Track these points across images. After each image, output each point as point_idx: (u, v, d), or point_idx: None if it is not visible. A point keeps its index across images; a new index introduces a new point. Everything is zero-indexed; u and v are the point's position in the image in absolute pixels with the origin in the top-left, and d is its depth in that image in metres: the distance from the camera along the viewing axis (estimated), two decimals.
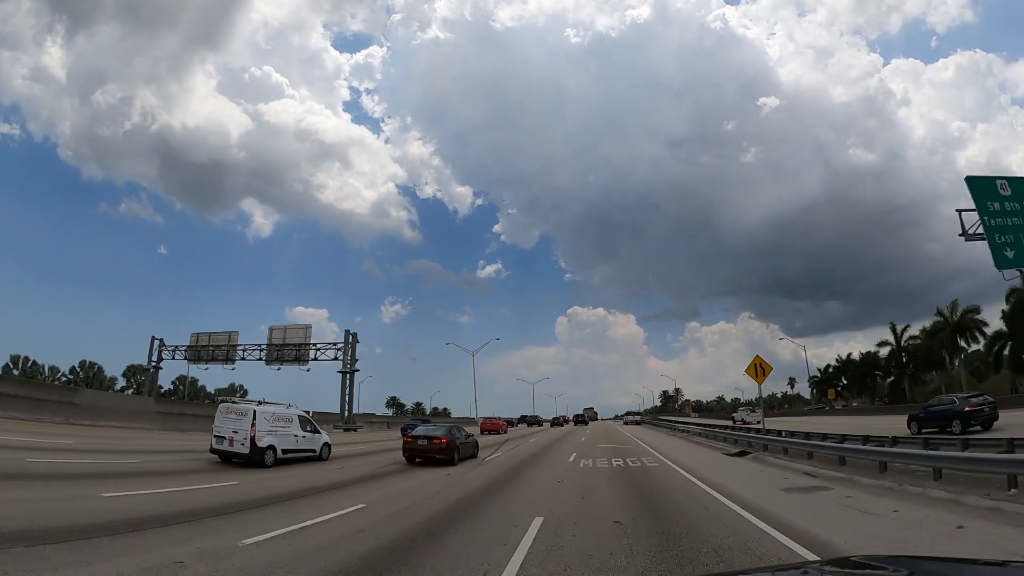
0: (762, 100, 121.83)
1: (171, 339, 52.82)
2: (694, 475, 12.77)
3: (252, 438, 13.60)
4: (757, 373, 23.21)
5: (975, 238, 19.92)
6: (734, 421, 49.42)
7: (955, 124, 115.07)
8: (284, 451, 14.62)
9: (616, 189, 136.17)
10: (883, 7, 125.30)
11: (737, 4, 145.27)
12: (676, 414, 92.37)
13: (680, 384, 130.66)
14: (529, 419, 70.32)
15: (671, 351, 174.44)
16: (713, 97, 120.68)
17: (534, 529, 6.92)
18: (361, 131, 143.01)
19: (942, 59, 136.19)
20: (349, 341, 45.59)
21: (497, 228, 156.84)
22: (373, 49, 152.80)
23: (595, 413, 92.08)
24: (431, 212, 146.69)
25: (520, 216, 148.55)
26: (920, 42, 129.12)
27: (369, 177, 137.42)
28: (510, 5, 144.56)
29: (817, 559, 5.13)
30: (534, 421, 69.87)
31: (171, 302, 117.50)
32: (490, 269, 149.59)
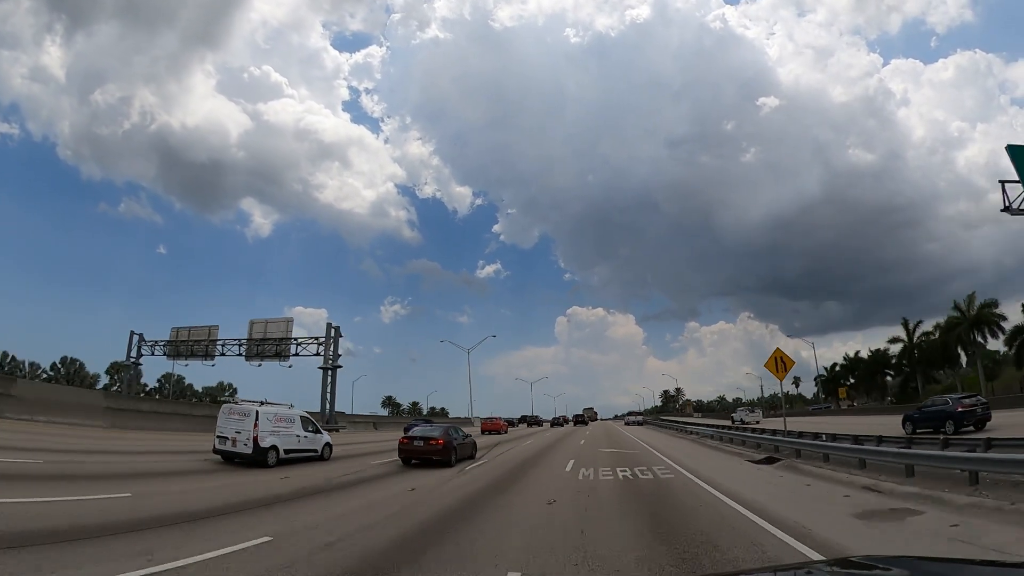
0: (762, 100, 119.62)
1: (160, 336, 50.21)
2: (725, 492, 9.99)
3: (255, 438, 13.66)
4: (778, 367, 20.76)
5: (1022, 212, 18.37)
6: (733, 421, 48.78)
7: (955, 124, 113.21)
8: (286, 451, 14.67)
9: (615, 189, 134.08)
10: (883, 7, 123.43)
11: (737, 4, 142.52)
12: (676, 414, 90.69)
13: (680, 384, 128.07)
14: (529, 419, 69.12)
15: (670, 351, 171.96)
16: (712, 97, 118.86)
17: None
18: (360, 131, 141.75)
19: (942, 59, 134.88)
20: (331, 335, 42.65)
21: (496, 228, 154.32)
22: (372, 49, 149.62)
23: (595, 413, 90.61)
24: (430, 212, 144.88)
25: (519, 216, 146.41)
26: (920, 42, 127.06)
27: (368, 177, 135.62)
28: (509, 5, 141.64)
29: (819, 559, 5.08)
30: (534, 421, 68.69)
31: (167, 301, 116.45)
32: (489, 269, 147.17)
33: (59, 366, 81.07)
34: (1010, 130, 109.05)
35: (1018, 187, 18.28)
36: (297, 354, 43.62)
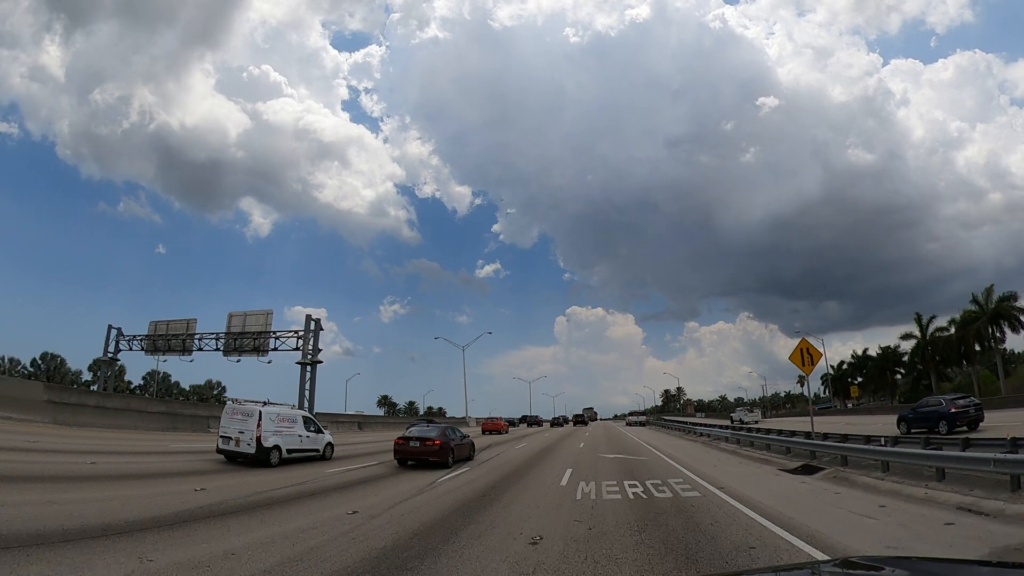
0: (761, 100, 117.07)
1: (142, 331, 47.59)
2: (776, 520, 7.24)
3: (258, 438, 13.67)
4: (804, 360, 18.13)
5: None
6: (732, 420, 48.81)
7: (954, 124, 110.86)
8: (289, 451, 14.69)
9: (615, 189, 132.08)
10: (882, 7, 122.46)
11: (736, 3, 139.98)
12: (677, 414, 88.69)
13: (680, 384, 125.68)
14: (529, 419, 68.10)
15: (670, 351, 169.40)
16: (712, 97, 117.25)
17: None
18: (360, 130, 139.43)
19: (941, 59, 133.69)
20: (310, 328, 39.84)
21: (496, 228, 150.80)
22: (372, 48, 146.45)
23: (595, 413, 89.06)
24: (430, 211, 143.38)
25: (519, 216, 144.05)
26: (919, 42, 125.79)
27: (368, 176, 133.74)
28: (509, 4, 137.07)
29: (819, 559, 5.08)
30: (534, 421, 67.65)
31: (164, 301, 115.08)
32: (489, 269, 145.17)
33: (39, 362, 78.58)
34: (1010, 130, 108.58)
35: None
36: (276, 348, 40.96)
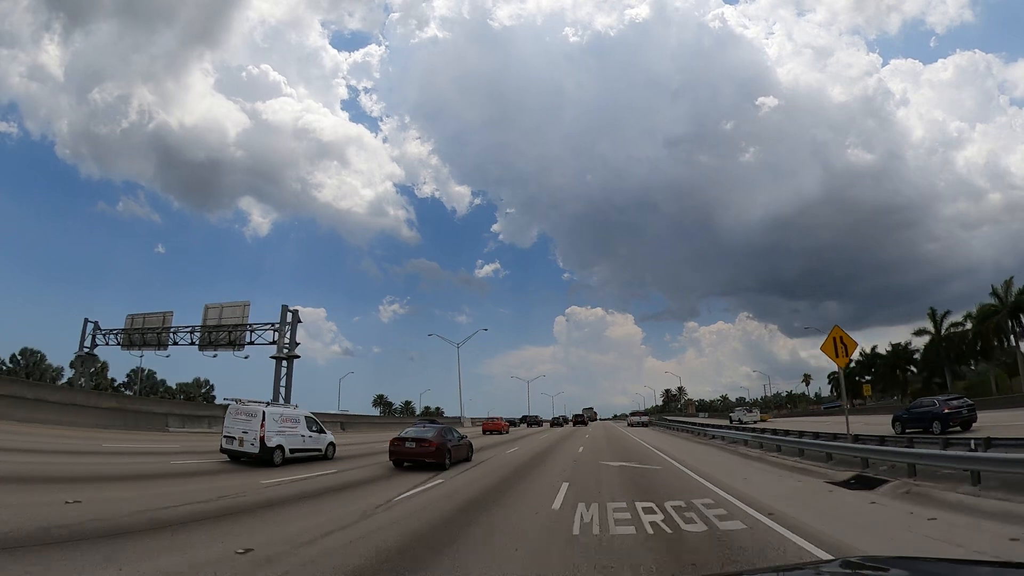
0: (760, 100, 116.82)
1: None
2: None
3: (262, 438, 13.78)
4: (837, 351, 15.60)
5: None
6: (731, 420, 49.16)
7: (954, 124, 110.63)
8: (292, 450, 14.79)
9: (614, 189, 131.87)
10: (882, 7, 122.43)
11: (736, 3, 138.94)
12: (678, 414, 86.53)
13: (681, 383, 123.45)
14: (529, 419, 67.45)
15: (669, 351, 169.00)
16: (711, 97, 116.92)
17: None
18: (359, 130, 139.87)
19: (941, 59, 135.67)
20: (286, 320, 37.17)
21: (495, 227, 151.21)
22: (371, 48, 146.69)
23: (594, 413, 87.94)
24: (429, 211, 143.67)
25: (518, 215, 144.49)
26: (919, 42, 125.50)
27: (367, 176, 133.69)
28: (508, 4, 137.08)
29: (819, 559, 5.04)
30: (534, 421, 66.96)
31: (161, 300, 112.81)
32: (488, 268, 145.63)
33: (19, 358, 75.90)
34: (1009, 130, 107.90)
35: None
36: (252, 342, 38.34)
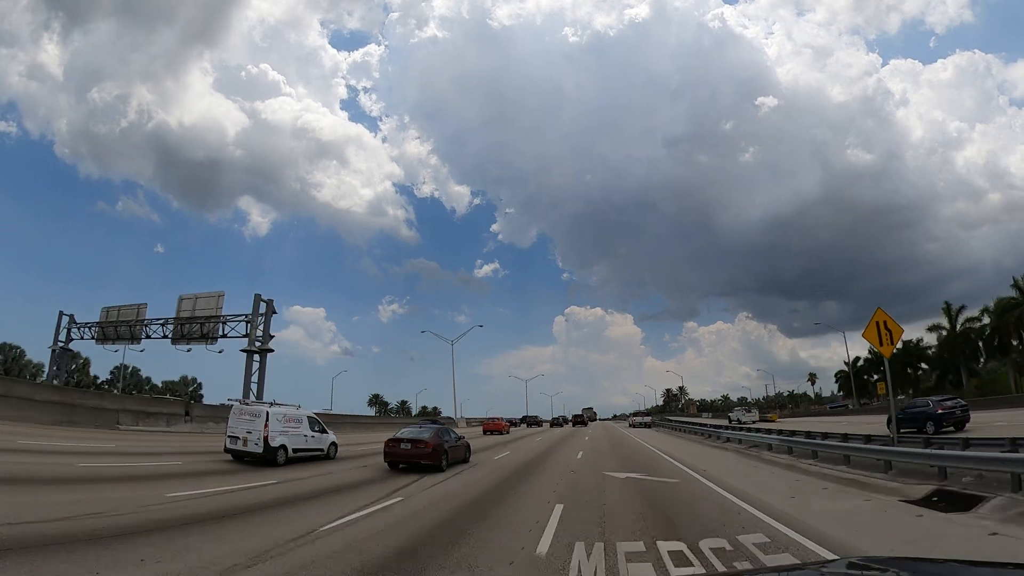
0: (760, 99, 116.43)
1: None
2: None
3: (265, 438, 13.93)
4: (881, 338, 13.40)
5: None
6: (730, 420, 49.58)
7: (953, 124, 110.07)
8: (295, 450, 14.98)
9: (613, 188, 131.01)
10: (882, 7, 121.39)
11: (735, 3, 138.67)
12: (680, 414, 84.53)
13: (683, 383, 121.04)
14: (529, 420, 67.61)
15: (669, 351, 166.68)
16: (711, 96, 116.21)
17: None
18: (358, 129, 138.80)
19: (941, 59, 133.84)
20: (259, 311, 34.78)
21: (495, 227, 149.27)
22: (371, 47, 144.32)
23: (594, 413, 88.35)
24: (428, 211, 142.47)
25: (517, 215, 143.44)
26: (919, 42, 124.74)
27: (366, 175, 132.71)
28: (507, 3, 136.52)
29: (820, 560, 5.02)
30: (534, 422, 67.10)
31: (156, 298, 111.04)
32: (488, 268, 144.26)
33: None
34: (1009, 131, 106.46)
35: None
36: (225, 335, 35.97)
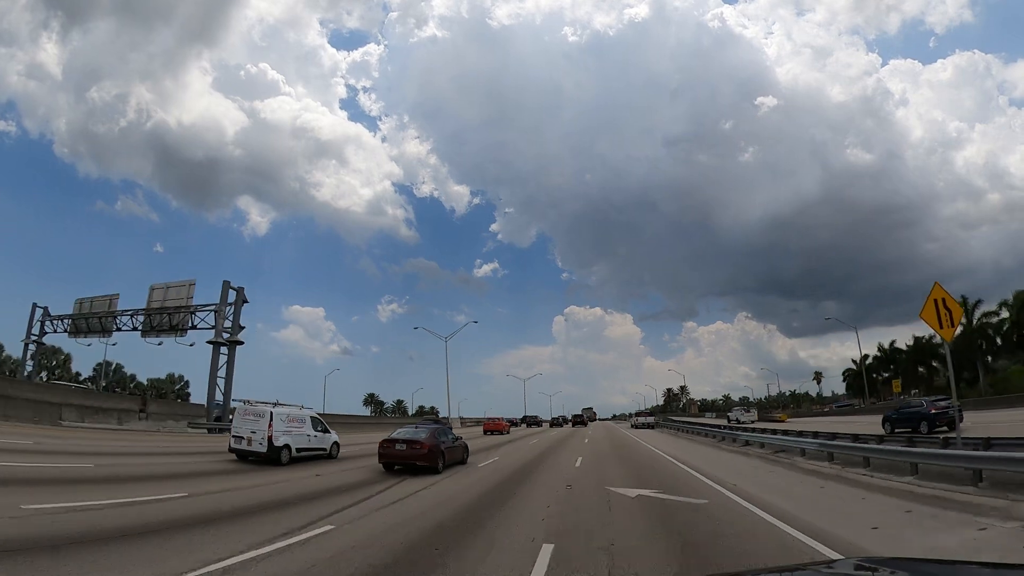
0: (760, 99, 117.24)
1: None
2: None
3: (269, 438, 14.15)
4: (941, 319, 10.83)
5: None
6: (729, 420, 50.00)
7: (953, 124, 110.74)
8: (298, 450, 15.15)
9: (613, 188, 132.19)
10: (882, 7, 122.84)
11: (735, 3, 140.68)
12: (681, 414, 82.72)
13: (684, 382, 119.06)
14: (529, 420, 67.65)
15: (668, 351, 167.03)
16: (710, 96, 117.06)
17: None
18: (358, 129, 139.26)
19: (940, 59, 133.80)
20: (228, 299, 32.31)
21: (494, 227, 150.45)
22: (370, 47, 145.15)
23: (594, 413, 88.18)
24: (428, 211, 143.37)
25: (517, 215, 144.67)
26: (919, 42, 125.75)
27: (365, 175, 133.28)
28: (507, 3, 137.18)
29: (820, 560, 4.92)
30: (534, 421, 67.17)
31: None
32: (487, 268, 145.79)
33: None
34: (1008, 131, 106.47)
35: None
36: (195, 326, 33.50)
